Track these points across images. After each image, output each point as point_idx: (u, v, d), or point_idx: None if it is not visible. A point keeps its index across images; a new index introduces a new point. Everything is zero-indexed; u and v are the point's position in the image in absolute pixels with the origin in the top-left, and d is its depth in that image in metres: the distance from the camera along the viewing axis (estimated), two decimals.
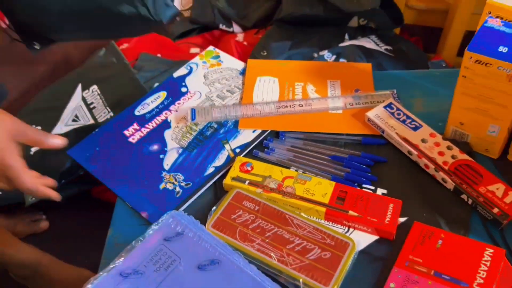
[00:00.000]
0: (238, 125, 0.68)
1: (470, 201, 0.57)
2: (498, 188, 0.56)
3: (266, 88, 0.72)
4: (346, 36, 1.30)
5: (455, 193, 0.58)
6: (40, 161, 1.18)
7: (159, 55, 1.40)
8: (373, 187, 0.60)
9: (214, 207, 0.57)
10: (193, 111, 0.69)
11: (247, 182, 0.60)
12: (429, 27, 1.40)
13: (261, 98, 0.71)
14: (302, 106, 0.67)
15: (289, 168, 0.63)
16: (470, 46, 0.54)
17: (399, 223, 0.56)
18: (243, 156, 0.64)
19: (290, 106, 0.68)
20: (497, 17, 0.59)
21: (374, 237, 0.55)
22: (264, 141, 0.66)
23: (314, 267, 0.50)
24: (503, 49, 0.53)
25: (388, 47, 1.26)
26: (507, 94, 0.55)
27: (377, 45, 1.27)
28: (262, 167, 0.62)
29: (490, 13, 0.59)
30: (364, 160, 0.63)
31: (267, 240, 0.53)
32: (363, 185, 0.61)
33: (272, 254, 0.51)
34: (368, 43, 1.25)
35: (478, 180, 0.57)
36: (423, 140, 0.62)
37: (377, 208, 0.56)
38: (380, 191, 0.60)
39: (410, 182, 0.61)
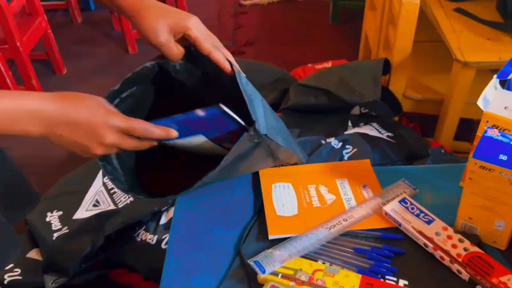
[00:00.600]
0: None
1: None
2: (509, 279, 0.62)
3: (284, 195, 0.78)
4: (349, 123, 1.41)
5: (470, 283, 0.64)
6: (61, 245, 1.23)
7: None
8: (395, 278, 0.66)
9: None
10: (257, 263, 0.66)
11: (280, 275, 0.66)
12: (426, 114, 1.52)
13: (281, 205, 0.76)
14: (346, 220, 0.72)
15: (316, 261, 0.68)
16: (475, 154, 0.62)
17: None
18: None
19: (337, 223, 0.72)
20: (493, 126, 0.68)
21: None
22: None
23: None
24: (503, 157, 0.61)
25: (390, 134, 1.36)
26: (509, 195, 0.62)
27: (379, 132, 1.37)
28: (292, 260, 0.67)
29: (487, 121, 0.69)
30: (385, 252, 0.69)
31: None
32: (386, 276, 0.66)
33: None
34: (371, 130, 1.36)
35: (490, 271, 0.64)
36: (437, 234, 0.69)
37: None
38: (402, 282, 0.66)
39: (429, 273, 0.67)
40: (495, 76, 0.70)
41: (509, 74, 0.69)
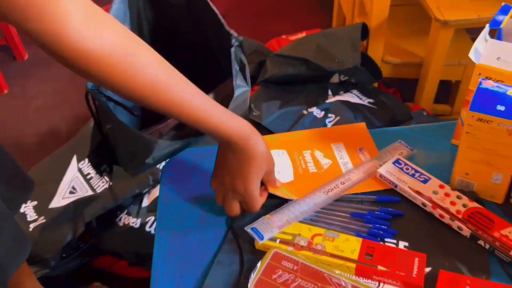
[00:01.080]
0: None
1: (487, 246, 0.61)
2: (510, 231, 0.61)
3: (279, 161, 0.75)
4: (329, 92, 1.38)
5: (472, 239, 0.63)
6: (40, 236, 1.17)
7: None
8: (394, 241, 0.64)
9: (255, 269, 0.59)
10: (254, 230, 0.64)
11: (278, 241, 0.63)
12: (404, 79, 1.51)
13: (276, 172, 0.73)
14: (344, 183, 0.70)
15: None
16: (472, 107, 0.60)
17: (425, 273, 0.60)
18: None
19: (335, 187, 0.70)
20: (486, 77, 0.66)
21: None
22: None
23: None
24: (500, 107, 0.59)
25: (371, 100, 1.34)
26: (508, 146, 0.61)
27: (360, 99, 1.35)
28: (291, 225, 0.65)
29: (480, 74, 0.67)
30: (383, 215, 0.67)
31: None
32: (385, 239, 0.64)
33: None
34: (351, 97, 1.34)
35: (491, 226, 0.62)
36: (434, 192, 0.67)
37: (403, 262, 0.60)
38: (402, 243, 0.64)
39: (429, 232, 0.65)
40: (487, 25, 0.67)
41: (501, 23, 0.67)
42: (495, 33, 0.69)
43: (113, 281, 1.21)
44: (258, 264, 0.59)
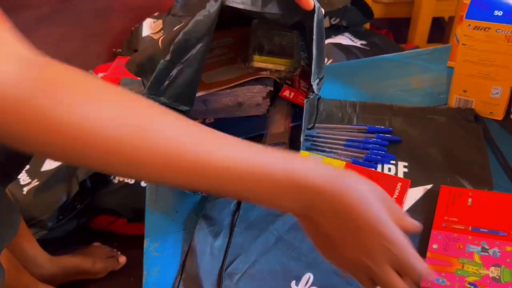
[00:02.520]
0: None
1: None
2: None
3: None
4: None
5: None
6: (34, 199, 1.15)
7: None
8: (394, 162, 0.62)
9: None
10: None
11: None
12: (394, 19, 1.46)
13: None
14: None
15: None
16: (468, 15, 0.57)
17: (426, 190, 0.58)
18: None
19: None
20: None
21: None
22: None
23: None
24: (498, 13, 0.56)
25: (363, 42, 1.31)
26: (507, 54, 0.58)
27: (352, 41, 1.31)
28: None
29: None
30: (380, 141, 0.65)
31: None
32: (385, 164, 0.62)
33: None
34: (344, 40, 1.30)
35: None
36: None
37: (385, 186, 0.55)
38: (401, 164, 0.62)
39: (426, 153, 0.63)
40: None
41: None
42: None
43: (113, 240, 1.20)
44: None
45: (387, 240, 0.37)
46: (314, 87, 0.55)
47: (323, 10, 0.54)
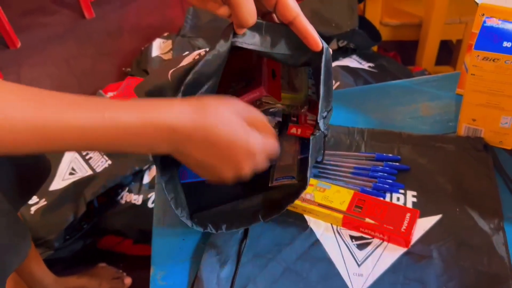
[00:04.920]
0: None
1: None
2: None
3: None
4: None
5: None
6: (42, 219, 1.15)
7: None
8: (403, 191, 0.62)
9: None
10: None
11: None
12: (403, 41, 1.47)
13: None
14: None
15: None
16: (477, 45, 0.57)
17: (435, 221, 0.57)
18: None
19: None
20: (491, 17, 0.63)
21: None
22: None
23: None
24: (507, 44, 0.56)
25: (371, 64, 1.31)
26: None
27: (360, 63, 1.32)
28: None
29: (483, 15, 0.63)
30: (388, 170, 0.65)
31: None
32: (393, 193, 0.62)
33: None
34: (351, 62, 1.30)
35: None
36: None
37: (393, 216, 0.57)
38: (410, 193, 0.61)
39: (436, 182, 0.62)
40: None
41: None
42: None
43: (119, 261, 1.20)
44: None
45: (249, 152, 0.48)
46: (321, 124, 0.55)
47: (331, 51, 0.55)
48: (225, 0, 0.49)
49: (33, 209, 1.18)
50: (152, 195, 1.15)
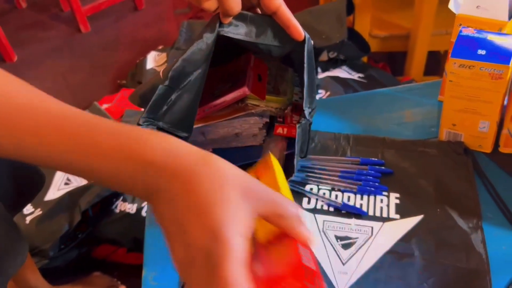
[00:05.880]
0: None
1: None
2: None
3: None
4: (319, 69, 1.38)
5: None
6: (37, 228, 1.17)
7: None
8: (386, 193, 0.64)
9: None
10: None
11: None
12: (392, 52, 1.51)
13: None
14: None
15: (305, 185, 0.65)
16: (453, 53, 0.60)
17: (417, 221, 0.60)
18: None
19: None
20: (467, 27, 0.66)
21: None
22: None
23: None
24: (481, 51, 0.59)
25: (360, 75, 1.34)
26: (491, 91, 0.61)
27: (350, 74, 1.35)
28: None
29: (460, 24, 0.67)
30: (373, 173, 0.67)
31: None
32: (377, 196, 0.64)
33: None
34: (341, 73, 1.34)
35: None
36: None
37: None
38: (393, 195, 0.64)
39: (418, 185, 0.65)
40: None
41: None
42: None
43: (113, 270, 1.21)
44: None
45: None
46: (306, 112, 0.57)
47: (312, 42, 0.58)
48: None
49: (28, 218, 1.19)
50: (146, 203, 1.17)
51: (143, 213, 1.15)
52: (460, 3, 0.68)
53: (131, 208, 1.17)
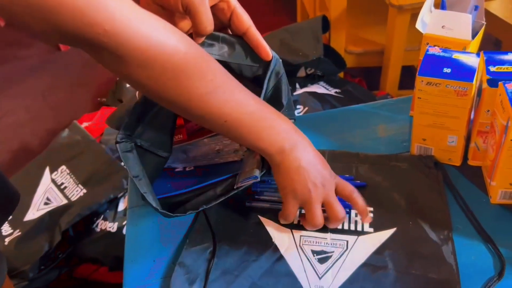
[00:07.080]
0: None
1: None
2: None
3: None
4: (297, 85, 1.41)
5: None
6: (16, 249, 1.15)
7: None
8: None
9: None
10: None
11: None
12: (367, 67, 1.55)
13: None
14: None
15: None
16: (420, 72, 0.63)
17: (390, 233, 0.62)
18: None
19: None
20: (434, 45, 0.69)
21: None
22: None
23: None
24: (447, 70, 0.62)
25: (337, 90, 1.37)
26: (457, 107, 0.64)
27: (327, 89, 1.38)
28: None
29: (428, 43, 0.70)
30: None
31: None
32: (351, 209, 0.66)
33: None
34: (318, 88, 1.37)
35: None
36: None
37: None
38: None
39: (391, 199, 0.67)
40: None
41: None
42: (439, 4, 0.72)
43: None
44: None
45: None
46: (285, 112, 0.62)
47: (280, 61, 0.61)
48: (186, 9, 0.53)
49: (7, 240, 1.18)
50: (126, 222, 1.17)
51: (124, 232, 1.15)
52: (427, 22, 0.71)
53: (112, 226, 1.16)
